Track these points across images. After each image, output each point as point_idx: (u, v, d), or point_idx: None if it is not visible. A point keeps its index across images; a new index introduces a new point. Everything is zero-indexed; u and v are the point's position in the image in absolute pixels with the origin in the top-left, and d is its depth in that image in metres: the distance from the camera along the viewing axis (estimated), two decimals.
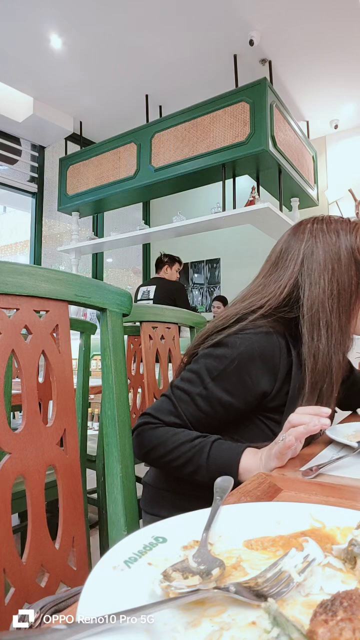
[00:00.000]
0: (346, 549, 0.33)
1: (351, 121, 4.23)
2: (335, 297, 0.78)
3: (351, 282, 0.80)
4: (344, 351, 0.81)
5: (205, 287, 5.55)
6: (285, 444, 0.61)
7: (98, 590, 0.27)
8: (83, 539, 0.61)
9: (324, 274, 0.79)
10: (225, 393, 0.77)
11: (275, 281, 0.84)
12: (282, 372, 0.79)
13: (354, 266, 0.80)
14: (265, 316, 0.80)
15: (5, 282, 0.55)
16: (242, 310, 0.83)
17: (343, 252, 0.80)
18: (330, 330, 0.78)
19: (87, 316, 3.82)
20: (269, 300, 0.82)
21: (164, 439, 0.75)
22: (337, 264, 0.80)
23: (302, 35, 3.22)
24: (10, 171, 4.42)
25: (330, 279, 0.79)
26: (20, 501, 0.59)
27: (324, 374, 0.78)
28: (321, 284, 0.79)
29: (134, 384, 1.92)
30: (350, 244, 0.81)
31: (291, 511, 0.40)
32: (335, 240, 0.81)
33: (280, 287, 0.83)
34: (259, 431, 0.82)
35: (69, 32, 3.27)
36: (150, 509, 0.89)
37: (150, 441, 0.77)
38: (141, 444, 0.78)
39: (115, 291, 0.71)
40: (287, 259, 0.85)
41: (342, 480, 0.55)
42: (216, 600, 0.28)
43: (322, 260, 0.80)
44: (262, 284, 0.87)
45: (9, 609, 0.50)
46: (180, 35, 3.29)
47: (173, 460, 0.75)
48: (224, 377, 0.77)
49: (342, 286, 0.79)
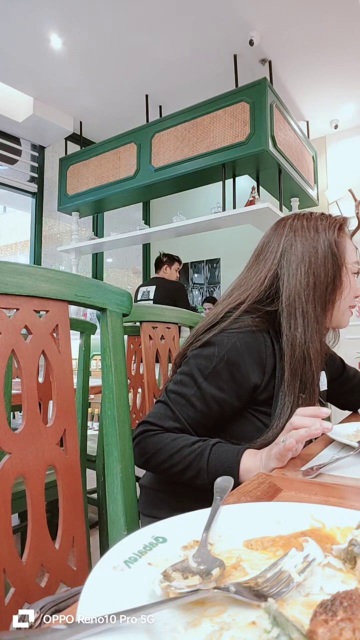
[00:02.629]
0: (346, 549, 0.33)
1: (351, 121, 4.23)
2: (312, 288, 0.82)
3: (327, 274, 0.83)
4: (320, 339, 0.84)
5: (205, 287, 5.55)
6: (285, 447, 0.61)
7: (98, 590, 0.27)
8: (83, 539, 0.61)
9: (301, 266, 0.83)
10: (218, 390, 0.79)
11: (256, 274, 0.89)
12: (269, 365, 0.82)
13: (331, 259, 0.84)
14: (249, 312, 0.84)
15: (5, 282, 0.55)
16: (227, 306, 0.86)
17: (320, 246, 0.84)
18: (307, 319, 0.81)
19: (87, 316, 3.82)
20: (250, 292, 0.86)
21: (164, 445, 0.76)
22: (314, 257, 0.84)
23: (302, 35, 3.22)
24: (10, 171, 4.42)
25: (307, 271, 0.83)
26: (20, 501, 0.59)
27: (303, 361, 0.81)
28: (298, 276, 0.83)
29: (134, 384, 1.92)
30: (328, 238, 0.85)
31: (291, 511, 0.40)
32: (313, 235, 0.85)
33: (260, 279, 0.87)
34: (250, 424, 0.83)
35: (69, 32, 3.27)
36: (148, 512, 0.88)
37: (150, 448, 0.77)
38: (141, 451, 0.78)
39: (115, 291, 0.71)
40: (268, 253, 0.89)
41: (343, 480, 0.55)
42: (216, 600, 0.28)
43: (300, 253, 0.84)
44: (245, 277, 0.91)
45: (9, 609, 0.50)
46: (180, 35, 3.29)
47: (174, 466, 0.75)
48: (215, 375, 0.79)
49: (318, 278, 0.83)
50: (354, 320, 4.06)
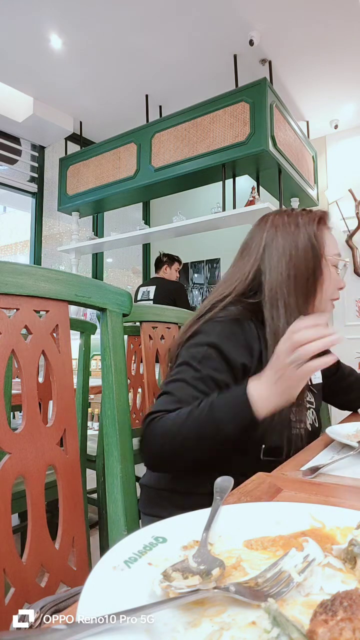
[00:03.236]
0: (346, 549, 0.33)
1: (351, 121, 4.23)
2: (292, 280, 0.86)
3: (308, 266, 0.87)
4: None
5: (205, 287, 5.55)
6: (290, 348, 0.64)
7: (98, 590, 0.27)
8: (83, 539, 0.61)
9: (282, 259, 0.87)
10: (214, 371, 0.81)
11: (240, 269, 0.92)
12: (256, 349, 0.85)
13: (311, 252, 0.87)
14: (234, 303, 0.87)
15: (5, 282, 0.55)
16: (213, 299, 0.90)
17: (300, 239, 0.88)
18: (289, 310, 0.84)
19: (87, 316, 3.81)
20: (235, 286, 0.90)
21: (171, 420, 0.74)
22: (295, 250, 0.87)
23: (302, 35, 3.22)
24: (10, 171, 4.42)
25: (288, 264, 0.86)
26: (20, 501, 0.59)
27: None
28: (279, 269, 0.86)
29: (134, 384, 1.92)
30: (308, 232, 0.88)
31: (291, 511, 0.40)
32: (294, 229, 0.89)
33: (245, 273, 0.90)
34: None
35: (69, 32, 3.27)
36: (148, 510, 0.89)
37: (159, 430, 0.74)
38: (153, 440, 0.75)
39: (115, 291, 0.71)
40: (251, 248, 0.92)
41: (343, 481, 0.55)
42: (216, 600, 0.28)
43: (281, 247, 0.88)
44: (230, 272, 0.95)
45: (9, 609, 0.50)
46: (180, 35, 3.29)
47: (189, 436, 0.72)
48: (208, 357, 0.82)
49: (299, 270, 0.86)
50: (354, 320, 4.06)
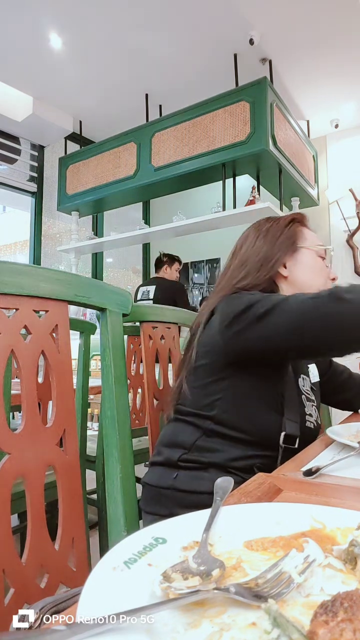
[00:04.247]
0: (347, 549, 0.33)
1: (352, 120, 4.23)
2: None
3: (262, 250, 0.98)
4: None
5: (205, 287, 5.55)
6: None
7: (98, 591, 0.27)
8: (83, 539, 0.61)
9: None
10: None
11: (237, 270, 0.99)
12: None
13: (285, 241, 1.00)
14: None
15: (5, 282, 0.55)
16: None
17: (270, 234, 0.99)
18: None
19: (87, 316, 3.81)
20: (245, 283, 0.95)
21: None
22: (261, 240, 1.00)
23: (302, 34, 3.21)
24: (9, 171, 4.41)
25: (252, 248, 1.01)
26: (19, 502, 0.59)
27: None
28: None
29: (134, 384, 1.91)
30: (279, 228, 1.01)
31: (291, 512, 0.40)
32: (268, 228, 1.02)
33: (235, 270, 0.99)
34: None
35: (69, 32, 3.27)
36: (150, 509, 0.89)
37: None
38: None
39: (115, 291, 0.71)
40: (242, 252, 1.02)
41: (343, 481, 0.55)
42: (216, 601, 0.28)
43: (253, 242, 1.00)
44: (228, 277, 0.99)
45: (9, 609, 0.50)
46: (180, 35, 3.28)
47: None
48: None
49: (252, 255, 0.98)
50: None
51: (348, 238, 4.13)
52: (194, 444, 0.86)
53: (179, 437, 0.89)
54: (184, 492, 0.84)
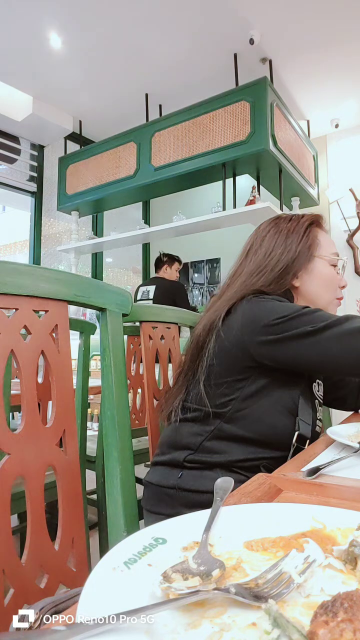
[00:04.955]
0: (347, 550, 0.33)
1: (352, 120, 4.23)
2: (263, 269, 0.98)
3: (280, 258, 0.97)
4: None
5: (205, 287, 5.55)
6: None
7: (98, 592, 0.27)
8: (82, 540, 0.61)
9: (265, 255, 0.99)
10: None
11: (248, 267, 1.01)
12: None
13: (295, 248, 0.97)
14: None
15: (5, 282, 0.55)
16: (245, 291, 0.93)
17: (289, 241, 0.96)
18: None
19: (87, 316, 3.81)
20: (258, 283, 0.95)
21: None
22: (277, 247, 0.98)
23: (302, 34, 3.21)
24: (9, 170, 4.41)
25: (265, 258, 0.99)
26: (19, 502, 0.59)
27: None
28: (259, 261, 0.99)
29: (133, 384, 1.91)
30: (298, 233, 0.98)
31: (292, 512, 0.40)
32: (286, 232, 0.98)
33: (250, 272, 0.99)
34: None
35: (69, 31, 3.27)
36: (152, 508, 0.89)
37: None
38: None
39: (115, 291, 0.71)
40: (253, 251, 1.02)
41: (343, 481, 0.55)
42: (216, 602, 0.28)
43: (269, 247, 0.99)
44: (239, 275, 1.02)
45: (8, 610, 0.50)
46: (181, 35, 3.28)
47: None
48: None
49: (270, 262, 0.97)
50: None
51: (348, 238, 4.13)
52: (201, 445, 0.86)
53: (184, 438, 0.88)
54: (188, 491, 0.84)
